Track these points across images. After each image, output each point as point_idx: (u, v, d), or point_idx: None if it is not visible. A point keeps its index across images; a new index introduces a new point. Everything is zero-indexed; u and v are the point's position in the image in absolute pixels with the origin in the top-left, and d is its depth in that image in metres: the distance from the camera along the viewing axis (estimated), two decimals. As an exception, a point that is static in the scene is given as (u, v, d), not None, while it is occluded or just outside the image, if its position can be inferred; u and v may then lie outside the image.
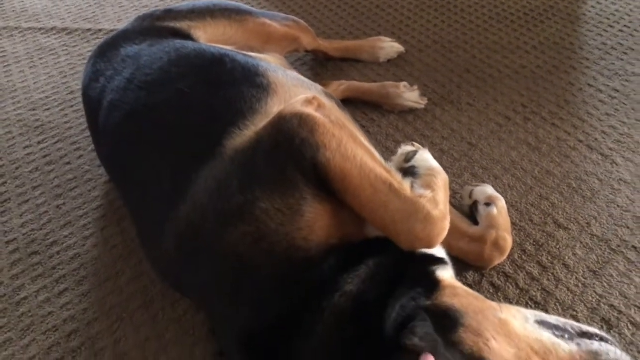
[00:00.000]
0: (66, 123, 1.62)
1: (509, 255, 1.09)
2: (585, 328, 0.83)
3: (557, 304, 1.03)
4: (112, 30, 1.73)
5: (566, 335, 0.80)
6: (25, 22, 2.14)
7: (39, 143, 1.55)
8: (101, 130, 1.12)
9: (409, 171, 0.93)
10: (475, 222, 1.14)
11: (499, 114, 1.49)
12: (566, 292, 1.05)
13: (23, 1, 2.28)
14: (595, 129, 1.40)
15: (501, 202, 1.13)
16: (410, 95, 1.51)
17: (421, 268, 0.83)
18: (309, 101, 0.91)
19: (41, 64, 1.89)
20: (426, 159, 0.95)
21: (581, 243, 1.13)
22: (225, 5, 1.37)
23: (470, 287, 0.89)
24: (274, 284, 0.80)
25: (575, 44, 1.72)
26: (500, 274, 1.09)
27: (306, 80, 1.17)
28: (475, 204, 1.15)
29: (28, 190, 1.40)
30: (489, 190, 1.17)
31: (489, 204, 1.13)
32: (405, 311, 0.74)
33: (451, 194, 1.24)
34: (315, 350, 0.75)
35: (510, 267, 1.10)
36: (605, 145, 1.35)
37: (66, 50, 1.96)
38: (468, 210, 1.18)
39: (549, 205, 1.21)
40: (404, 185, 0.85)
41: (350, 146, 0.84)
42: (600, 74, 1.58)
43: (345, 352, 0.73)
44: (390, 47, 1.74)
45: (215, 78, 1.03)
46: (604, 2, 1.91)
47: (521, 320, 0.79)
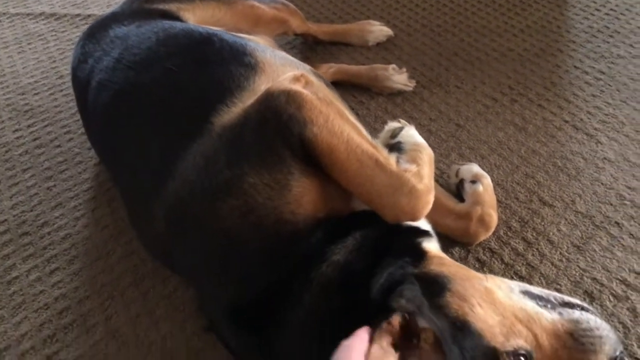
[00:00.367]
0: (56, 107, 1.62)
1: (495, 232, 1.11)
2: (567, 298, 0.85)
3: (542, 278, 1.05)
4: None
5: (549, 305, 0.82)
6: (13, 8, 2.13)
7: (29, 127, 1.55)
8: (90, 111, 1.12)
9: (395, 147, 0.94)
10: (461, 200, 1.15)
11: (486, 95, 1.50)
12: (550, 267, 1.07)
13: (11, -13, 2.27)
14: (580, 110, 1.42)
15: (487, 180, 1.15)
16: (398, 78, 1.53)
17: (407, 240, 0.85)
18: (297, 78, 0.92)
19: (30, 49, 1.89)
20: (412, 134, 0.96)
21: (565, 220, 1.15)
22: (214, -13, 1.37)
23: (456, 261, 0.91)
24: (262, 256, 0.81)
25: (562, 27, 1.74)
26: (486, 250, 1.11)
27: (294, 59, 1.18)
28: (461, 182, 1.17)
29: (18, 173, 1.41)
30: (474, 168, 1.18)
31: (474, 181, 1.14)
32: (393, 278, 0.75)
33: (438, 173, 1.27)
34: (303, 320, 0.76)
35: (496, 243, 1.12)
36: (590, 125, 1.37)
37: (55, 35, 1.95)
38: (455, 189, 1.20)
39: (535, 184, 1.23)
40: (390, 159, 0.86)
41: (337, 122, 0.85)
42: (587, 57, 1.60)
43: (333, 321, 0.75)
44: (379, 31, 1.75)
45: (203, 57, 1.04)
46: (591, -14, 1.92)
47: (506, 289, 0.81)
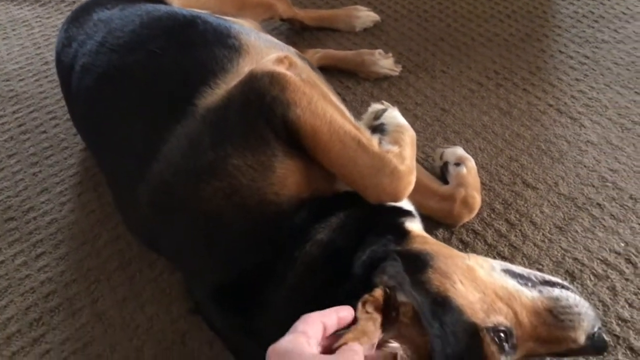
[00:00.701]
0: (41, 93, 1.61)
1: (478, 214, 1.12)
2: (548, 277, 0.87)
3: (524, 259, 1.06)
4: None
5: (529, 283, 0.83)
6: (-2, -6, 2.11)
7: (14, 113, 1.54)
8: (74, 95, 1.12)
9: (378, 128, 0.95)
10: (446, 183, 1.16)
11: (471, 80, 1.51)
12: (532, 247, 1.08)
13: (-5, -27, 2.25)
14: (565, 94, 1.43)
15: (470, 162, 1.16)
16: (385, 63, 1.53)
17: (390, 219, 0.86)
18: (280, 60, 0.92)
19: (14, 35, 1.87)
20: (394, 116, 0.97)
21: (548, 201, 1.16)
22: (198, -29, 1.37)
23: (439, 242, 0.92)
24: (246, 237, 0.82)
25: (548, 12, 1.75)
26: (470, 231, 1.12)
27: (279, 42, 1.18)
28: (445, 164, 1.18)
29: (3, 159, 1.40)
30: (458, 151, 1.19)
31: (458, 164, 1.15)
32: (376, 255, 0.76)
33: (424, 157, 1.28)
34: (287, 297, 0.77)
35: (479, 225, 1.13)
36: (574, 108, 1.38)
37: (40, 21, 1.94)
38: (439, 172, 1.20)
39: (518, 167, 1.24)
40: (372, 141, 0.87)
41: (320, 104, 0.85)
42: (571, 41, 1.61)
43: (317, 299, 0.75)
44: (366, 16, 1.75)
45: (187, 39, 1.03)
46: (576, -28, 1.93)
47: (488, 268, 0.82)
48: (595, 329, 0.80)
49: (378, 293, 0.66)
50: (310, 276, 0.77)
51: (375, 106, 1.01)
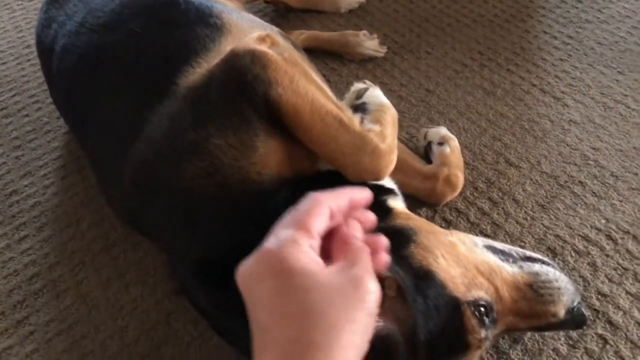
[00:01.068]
0: (23, 77, 1.59)
1: (461, 193, 1.13)
2: (529, 253, 0.88)
3: (506, 236, 1.07)
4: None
5: (511, 259, 0.85)
6: (-22, -24, 2.07)
7: (-4, 96, 1.53)
8: (55, 76, 1.11)
9: (359, 107, 0.95)
10: (430, 163, 1.17)
11: (456, 61, 1.51)
12: (515, 225, 1.09)
13: (-26, -45, 2.21)
14: (548, 74, 1.44)
15: (454, 142, 1.17)
16: (369, 44, 1.52)
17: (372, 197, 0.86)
18: (262, 39, 0.92)
19: (-5, 18, 1.85)
20: (376, 95, 0.97)
21: (531, 180, 1.17)
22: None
23: (421, 219, 0.92)
24: (227, 216, 0.82)
25: (533, -8, 1.75)
26: (452, 210, 1.13)
27: (262, 22, 1.17)
28: (429, 144, 1.18)
29: (-15, 143, 1.39)
30: (442, 130, 1.20)
31: (442, 143, 1.16)
32: None
33: (408, 137, 1.28)
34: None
35: (462, 203, 1.14)
36: (557, 88, 1.39)
37: (21, 4, 1.91)
38: (423, 152, 1.21)
39: (502, 146, 1.25)
40: (354, 120, 0.87)
41: (302, 82, 0.85)
42: (555, 22, 1.61)
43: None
44: (350, -3, 1.74)
45: (168, 19, 1.02)
46: (562, -48, 1.93)
47: (470, 244, 0.84)
48: (575, 304, 0.82)
49: None
50: (292, 254, 0.77)
51: (358, 85, 1.01)
